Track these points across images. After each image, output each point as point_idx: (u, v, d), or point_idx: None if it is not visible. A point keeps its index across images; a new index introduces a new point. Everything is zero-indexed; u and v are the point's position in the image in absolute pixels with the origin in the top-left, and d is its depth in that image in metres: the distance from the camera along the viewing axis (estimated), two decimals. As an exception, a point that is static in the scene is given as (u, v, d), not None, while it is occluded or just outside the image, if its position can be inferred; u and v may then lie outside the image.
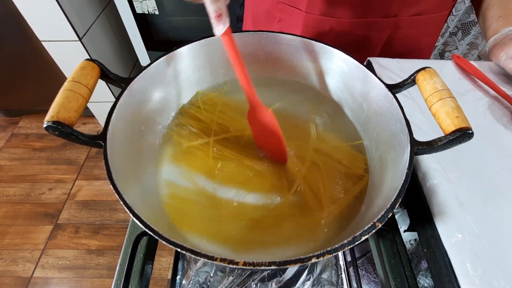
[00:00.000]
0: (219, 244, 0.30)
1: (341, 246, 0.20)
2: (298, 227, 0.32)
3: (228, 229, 0.32)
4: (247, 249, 0.30)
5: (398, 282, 0.32)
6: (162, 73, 0.36)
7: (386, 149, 0.32)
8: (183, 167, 0.36)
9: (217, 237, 0.31)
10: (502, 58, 0.44)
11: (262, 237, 0.32)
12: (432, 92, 0.27)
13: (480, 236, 0.28)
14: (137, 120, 0.33)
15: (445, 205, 0.30)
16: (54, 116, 0.23)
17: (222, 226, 0.32)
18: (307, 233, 0.32)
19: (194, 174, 0.36)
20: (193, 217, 0.33)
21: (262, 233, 0.32)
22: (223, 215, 0.33)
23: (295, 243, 0.31)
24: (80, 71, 0.27)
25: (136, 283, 0.33)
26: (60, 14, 0.91)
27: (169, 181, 0.35)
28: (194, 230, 0.32)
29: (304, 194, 0.34)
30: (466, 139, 0.24)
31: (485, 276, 0.26)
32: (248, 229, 0.32)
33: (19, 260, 1.08)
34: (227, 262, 0.19)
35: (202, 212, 0.33)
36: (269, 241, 0.31)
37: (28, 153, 1.38)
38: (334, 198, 0.34)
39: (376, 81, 0.33)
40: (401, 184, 0.24)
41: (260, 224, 0.32)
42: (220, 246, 0.30)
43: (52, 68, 1.13)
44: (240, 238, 0.31)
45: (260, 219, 0.33)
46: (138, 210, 0.23)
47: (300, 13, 0.48)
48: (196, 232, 0.32)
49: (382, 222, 0.22)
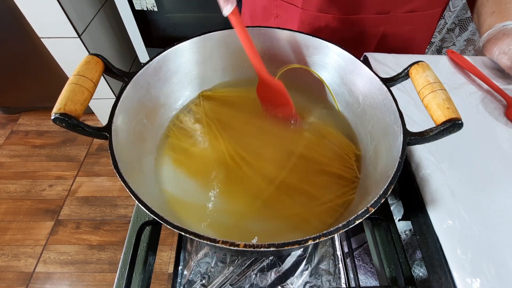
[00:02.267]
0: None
1: (336, 229, 0.21)
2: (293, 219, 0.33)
3: (224, 219, 0.33)
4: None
5: (393, 269, 0.34)
6: (163, 68, 0.37)
7: (381, 140, 0.33)
8: (183, 161, 0.37)
9: (217, 228, 0.32)
10: (495, 53, 0.45)
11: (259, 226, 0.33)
12: (424, 85, 0.28)
13: (470, 222, 0.29)
14: (139, 113, 0.34)
15: (437, 193, 0.31)
16: (61, 108, 0.24)
17: (221, 217, 0.33)
18: (302, 224, 0.33)
19: (194, 168, 0.37)
20: (192, 208, 0.34)
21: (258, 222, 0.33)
22: (221, 208, 0.34)
23: (292, 235, 0.32)
24: (85, 65, 0.28)
25: (140, 271, 0.34)
26: (59, 11, 0.91)
27: (170, 172, 0.36)
28: (193, 219, 0.33)
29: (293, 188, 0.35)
30: (456, 129, 0.25)
31: (474, 260, 0.28)
32: (243, 217, 0.33)
33: (21, 256, 1.09)
34: (228, 245, 0.21)
35: (202, 205, 0.34)
36: (268, 230, 0.32)
37: (28, 150, 1.38)
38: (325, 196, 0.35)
39: (371, 75, 0.34)
40: (394, 172, 0.25)
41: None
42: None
43: (51, 65, 1.13)
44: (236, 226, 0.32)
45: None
46: (143, 197, 0.24)
47: (296, 9, 0.49)
48: (196, 221, 0.33)
49: (375, 207, 0.23)
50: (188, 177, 0.36)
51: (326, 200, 0.34)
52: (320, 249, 0.43)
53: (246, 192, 0.35)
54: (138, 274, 0.33)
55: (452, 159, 0.35)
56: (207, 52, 0.40)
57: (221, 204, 0.34)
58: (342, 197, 0.34)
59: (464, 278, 0.27)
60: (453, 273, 0.27)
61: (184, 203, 0.34)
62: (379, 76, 0.33)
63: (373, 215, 0.37)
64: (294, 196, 0.35)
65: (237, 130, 0.41)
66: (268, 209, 0.34)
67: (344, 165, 0.37)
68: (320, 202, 0.34)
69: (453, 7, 1.03)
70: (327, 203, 0.34)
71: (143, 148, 0.35)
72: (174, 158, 0.38)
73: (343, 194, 0.34)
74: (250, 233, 0.32)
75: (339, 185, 0.36)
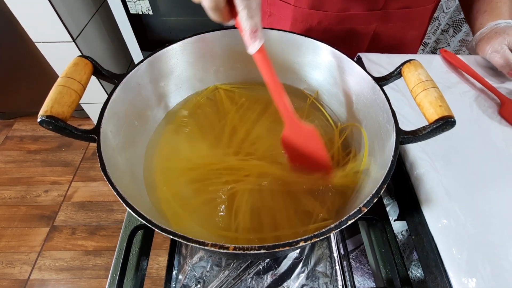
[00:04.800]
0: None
1: (328, 230, 0.21)
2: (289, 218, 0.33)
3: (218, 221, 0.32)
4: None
5: (388, 270, 0.33)
6: (154, 69, 0.36)
7: (374, 140, 0.33)
8: (174, 164, 0.37)
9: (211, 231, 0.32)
10: (488, 51, 0.45)
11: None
12: (416, 83, 0.28)
13: (465, 221, 0.29)
14: (130, 115, 0.34)
15: (431, 192, 0.31)
16: (48, 110, 0.24)
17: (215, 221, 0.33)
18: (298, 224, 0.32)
19: (185, 170, 0.36)
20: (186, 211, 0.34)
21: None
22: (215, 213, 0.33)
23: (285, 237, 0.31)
24: (73, 67, 0.27)
25: (132, 276, 0.33)
26: (54, 15, 0.91)
27: (162, 176, 0.36)
28: (186, 225, 0.32)
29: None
30: (449, 127, 0.25)
31: (470, 259, 0.27)
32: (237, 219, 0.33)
33: (15, 263, 1.07)
34: (217, 247, 0.20)
35: (196, 209, 0.34)
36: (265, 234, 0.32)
37: (23, 156, 1.37)
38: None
39: (363, 74, 0.33)
40: (387, 171, 0.25)
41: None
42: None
43: (46, 69, 1.12)
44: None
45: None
46: (133, 202, 0.23)
47: (289, 7, 0.49)
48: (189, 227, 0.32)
49: (368, 207, 0.22)
50: (179, 179, 0.35)
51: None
52: (316, 251, 0.42)
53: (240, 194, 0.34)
54: (130, 279, 0.33)
55: (446, 158, 0.34)
56: (199, 54, 0.39)
57: (214, 206, 0.34)
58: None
59: (460, 277, 0.26)
60: (448, 273, 0.27)
61: (176, 205, 0.34)
62: (371, 75, 0.33)
63: (368, 216, 0.37)
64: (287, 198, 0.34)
65: (228, 132, 0.40)
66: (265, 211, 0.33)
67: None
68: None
69: (447, 8, 1.04)
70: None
71: (134, 151, 0.34)
72: (165, 160, 0.37)
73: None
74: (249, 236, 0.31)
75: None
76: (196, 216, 0.33)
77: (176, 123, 0.41)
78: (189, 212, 0.33)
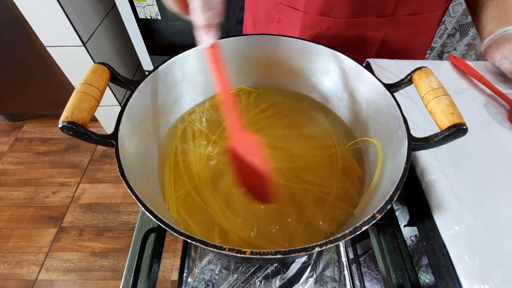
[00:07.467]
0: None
1: (342, 236, 0.21)
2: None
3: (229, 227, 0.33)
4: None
5: (399, 275, 0.33)
6: (168, 75, 0.37)
7: (385, 146, 0.33)
8: (187, 167, 0.38)
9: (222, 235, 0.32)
10: (497, 57, 0.45)
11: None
12: (428, 90, 0.28)
13: (477, 228, 0.29)
14: (145, 120, 0.34)
15: (442, 199, 0.31)
16: (68, 116, 0.25)
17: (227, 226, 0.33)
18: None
19: (198, 174, 0.37)
20: (197, 214, 0.34)
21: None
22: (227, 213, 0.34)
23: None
24: (91, 74, 0.28)
25: (145, 279, 0.34)
26: (64, 19, 0.93)
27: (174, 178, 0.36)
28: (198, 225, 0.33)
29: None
30: (461, 135, 0.25)
31: (482, 266, 0.27)
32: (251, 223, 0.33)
33: (23, 263, 1.09)
34: (235, 252, 0.21)
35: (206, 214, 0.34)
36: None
37: (32, 157, 1.39)
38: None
39: (374, 80, 0.34)
40: (399, 177, 0.25)
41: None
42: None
43: (56, 73, 1.14)
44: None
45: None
46: (149, 205, 0.24)
47: (298, 13, 0.49)
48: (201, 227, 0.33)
49: (382, 214, 0.23)
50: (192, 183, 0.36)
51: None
52: (325, 255, 0.42)
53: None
54: (143, 282, 0.33)
55: (457, 164, 0.34)
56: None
57: (227, 209, 0.34)
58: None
59: (473, 284, 0.26)
60: (461, 280, 0.27)
61: (189, 209, 0.34)
62: (382, 82, 0.33)
63: (378, 221, 0.37)
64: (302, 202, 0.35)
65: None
66: (278, 213, 0.34)
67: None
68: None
69: (453, 13, 1.04)
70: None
71: (148, 155, 0.35)
72: (178, 164, 0.38)
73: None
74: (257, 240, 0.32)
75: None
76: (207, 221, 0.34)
77: (188, 128, 0.41)
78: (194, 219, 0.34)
